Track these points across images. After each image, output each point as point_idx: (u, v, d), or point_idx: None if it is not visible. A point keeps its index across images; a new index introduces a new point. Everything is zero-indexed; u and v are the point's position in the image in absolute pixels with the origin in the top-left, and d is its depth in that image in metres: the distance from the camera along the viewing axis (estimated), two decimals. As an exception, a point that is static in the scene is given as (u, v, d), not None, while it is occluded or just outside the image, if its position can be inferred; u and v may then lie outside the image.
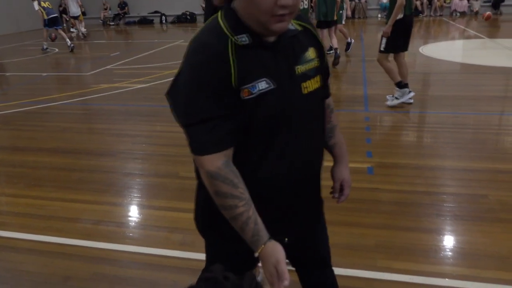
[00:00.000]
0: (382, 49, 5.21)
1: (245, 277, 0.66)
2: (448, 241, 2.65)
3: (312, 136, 1.26)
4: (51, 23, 11.44)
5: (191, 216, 1.41)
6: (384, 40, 5.15)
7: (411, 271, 2.33)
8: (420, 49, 9.42)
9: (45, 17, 11.29)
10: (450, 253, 2.52)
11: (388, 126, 4.93)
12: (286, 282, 1.03)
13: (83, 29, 15.37)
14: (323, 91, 1.30)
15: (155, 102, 6.03)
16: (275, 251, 1.10)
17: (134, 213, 3.20)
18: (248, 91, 1.09)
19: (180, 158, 3.99)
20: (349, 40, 9.20)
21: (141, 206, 3.28)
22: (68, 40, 11.53)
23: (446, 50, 9.67)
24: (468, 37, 11.55)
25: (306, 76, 1.18)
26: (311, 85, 1.19)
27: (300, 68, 1.17)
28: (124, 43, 14.29)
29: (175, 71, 1.16)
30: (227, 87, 1.07)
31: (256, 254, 1.11)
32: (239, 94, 1.09)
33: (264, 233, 1.12)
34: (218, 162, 1.10)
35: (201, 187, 1.24)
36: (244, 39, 1.09)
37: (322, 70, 1.26)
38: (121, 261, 2.59)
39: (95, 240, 2.77)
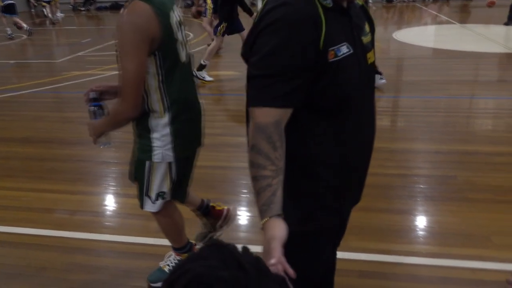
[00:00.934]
0: None
1: (244, 248, 0.70)
2: (419, 221, 2.74)
3: (374, 106, 1.30)
4: (7, 10, 10.95)
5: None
6: None
7: (383, 250, 2.42)
8: (394, 35, 9.54)
9: (0, 4, 10.85)
10: (421, 232, 2.62)
11: (362, 110, 5.01)
12: (272, 261, 0.99)
13: (58, 15, 14.86)
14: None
15: (130, 89, 5.92)
16: (276, 228, 1.05)
17: (110, 202, 3.18)
18: (334, 53, 1.08)
19: (156, 146, 3.95)
20: None
21: (117, 195, 3.25)
22: (24, 25, 11.14)
23: (418, 35, 9.83)
24: (440, 22, 11.76)
25: (368, 48, 1.21)
26: (371, 56, 1.23)
27: (365, 39, 1.20)
28: (96, 29, 13.92)
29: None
30: (315, 48, 1.06)
31: (261, 224, 1.08)
32: (325, 56, 1.08)
33: (276, 207, 1.07)
34: (270, 118, 1.08)
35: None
36: (328, 1, 1.09)
37: (373, 45, 1.28)
38: (98, 250, 2.58)
39: (70, 230, 2.75)
